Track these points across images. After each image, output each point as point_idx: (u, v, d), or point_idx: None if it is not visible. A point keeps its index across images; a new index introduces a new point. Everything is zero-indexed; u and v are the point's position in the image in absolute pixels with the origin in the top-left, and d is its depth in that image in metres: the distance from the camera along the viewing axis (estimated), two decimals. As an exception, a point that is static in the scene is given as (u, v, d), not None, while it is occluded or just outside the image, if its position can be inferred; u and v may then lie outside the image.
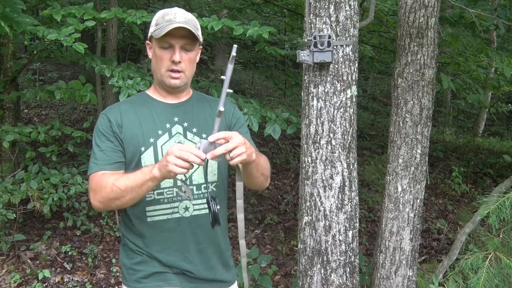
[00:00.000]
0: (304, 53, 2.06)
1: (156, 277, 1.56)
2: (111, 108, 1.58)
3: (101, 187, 1.43)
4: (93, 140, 1.53)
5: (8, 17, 2.71)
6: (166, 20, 1.47)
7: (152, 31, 1.50)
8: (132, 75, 3.27)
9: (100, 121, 1.53)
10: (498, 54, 4.37)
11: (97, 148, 1.50)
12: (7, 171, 3.78)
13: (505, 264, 2.25)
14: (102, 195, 1.43)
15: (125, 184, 1.39)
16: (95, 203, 1.47)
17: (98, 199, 1.45)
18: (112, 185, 1.40)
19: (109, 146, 1.50)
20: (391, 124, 2.54)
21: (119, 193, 1.40)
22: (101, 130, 1.51)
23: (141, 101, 1.59)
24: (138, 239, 1.57)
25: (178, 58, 1.47)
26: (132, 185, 1.38)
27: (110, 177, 1.44)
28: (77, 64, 7.00)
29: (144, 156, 1.51)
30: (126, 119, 1.53)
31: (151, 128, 1.53)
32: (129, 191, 1.39)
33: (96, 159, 1.49)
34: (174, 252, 1.56)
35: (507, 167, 6.38)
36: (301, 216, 2.29)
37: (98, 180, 1.46)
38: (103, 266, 3.62)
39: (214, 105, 1.65)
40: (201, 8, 6.41)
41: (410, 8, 2.40)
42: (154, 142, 1.52)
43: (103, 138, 1.51)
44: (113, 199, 1.42)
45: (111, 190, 1.41)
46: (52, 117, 6.95)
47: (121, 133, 1.51)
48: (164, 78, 1.52)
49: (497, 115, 9.57)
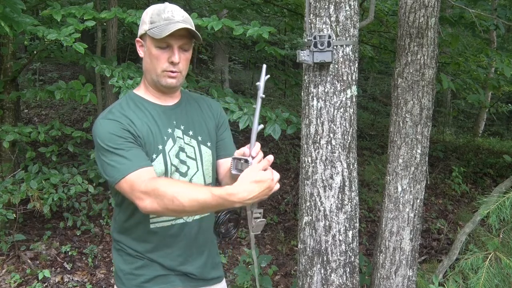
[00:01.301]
0: (304, 53, 2.06)
1: (159, 280, 1.54)
2: (113, 113, 1.43)
3: (158, 194, 1.27)
4: (106, 146, 1.37)
5: (8, 17, 2.71)
6: (163, 18, 1.40)
7: (147, 29, 1.42)
8: (132, 75, 3.27)
9: (109, 126, 1.38)
10: (498, 54, 4.37)
11: (121, 151, 1.35)
12: (7, 171, 3.78)
13: (505, 264, 2.25)
14: (159, 203, 1.28)
15: (189, 200, 1.24)
16: (148, 207, 1.30)
17: (152, 206, 1.29)
18: (173, 197, 1.25)
19: (133, 146, 1.38)
20: (391, 124, 2.54)
21: (181, 208, 1.26)
22: (117, 134, 1.37)
23: (138, 104, 1.49)
24: (138, 245, 1.52)
25: (178, 59, 1.42)
26: (202, 205, 1.25)
27: (168, 186, 1.29)
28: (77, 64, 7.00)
29: (154, 163, 1.43)
30: (136, 123, 1.43)
31: (158, 133, 1.46)
32: (195, 211, 1.30)
33: (128, 159, 1.34)
34: (177, 257, 1.54)
35: (507, 167, 6.38)
36: (301, 216, 2.29)
37: (151, 184, 1.30)
38: (103, 266, 3.62)
39: (201, 104, 1.63)
40: (201, 8, 6.41)
41: (410, 8, 2.39)
42: (162, 149, 1.46)
43: (123, 140, 1.37)
44: (171, 211, 1.29)
45: (171, 202, 1.26)
46: (52, 117, 6.95)
47: (139, 137, 1.41)
48: (160, 78, 1.45)
49: (497, 115, 9.57)
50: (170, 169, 1.48)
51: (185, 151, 1.52)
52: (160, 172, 1.45)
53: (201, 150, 1.56)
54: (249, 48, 8.18)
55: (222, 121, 1.65)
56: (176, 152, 1.50)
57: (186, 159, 1.52)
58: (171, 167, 1.48)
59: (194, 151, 1.54)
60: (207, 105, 1.65)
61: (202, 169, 1.56)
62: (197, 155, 1.55)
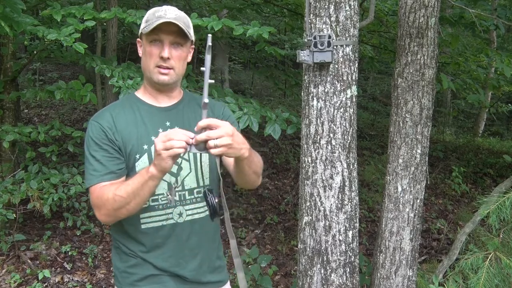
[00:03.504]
0: (304, 53, 2.05)
1: (151, 279, 1.54)
2: (101, 114, 1.51)
3: (103, 200, 1.40)
4: (86, 149, 1.47)
5: (8, 17, 2.71)
6: (156, 16, 1.44)
7: (142, 28, 1.47)
8: (132, 75, 3.27)
9: (92, 129, 1.47)
10: (498, 54, 4.37)
11: (92, 158, 1.45)
12: (7, 171, 3.78)
13: (505, 264, 2.25)
14: (107, 208, 1.39)
15: (125, 191, 1.35)
16: (102, 218, 1.44)
17: (103, 213, 1.42)
18: (113, 196, 1.37)
19: (104, 155, 1.45)
20: (391, 124, 2.54)
21: (122, 201, 1.36)
22: (94, 139, 1.45)
23: (131, 105, 1.54)
24: (132, 244, 1.54)
25: (167, 54, 1.44)
26: (133, 190, 1.35)
27: (110, 188, 1.40)
28: (77, 64, 7.00)
29: (139, 163, 1.47)
30: (119, 124, 1.48)
31: (144, 134, 1.49)
32: (132, 197, 1.36)
33: (94, 170, 1.44)
34: (168, 258, 1.54)
35: (507, 167, 6.38)
36: (301, 216, 2.29)
37: (98, 195, 1.42)
38: (103, 266, 3.62)
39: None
40: (201, 8, 6.41)
41: (410, 8, 2.39)
42: (148, 149, 1.48)
43: (96, 147, 1.45)
44: (118, 209, 1.39)
45: (113, 201, 1.37)
46: (52, 117, 6.95)
47: (117, 140, 1.46)
48: (152, 75, 1.48)
49: (497, 115, 9.58)
50: None
51: None
52: None
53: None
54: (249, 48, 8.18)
55: (225, 120, 1.64)
56: None
57: (179, 159, 1.52)
58: None
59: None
60: (209, 106, 1.65)
61: (196, 171, 1.55)
62: (191, 156, 1.55)
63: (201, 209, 1.58)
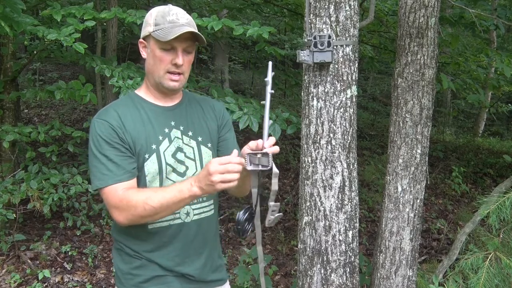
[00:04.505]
0: (304, 53, 2.05)
1: (156, 280, 1.54)
2: (107, 112, 1.47)
3: (130, 206, 1.36)
4: (94, 148, 1.42)
5: (8, 17, 2.71)
6: (168, 21, 1.41)
7: (152, 31, 1.43)
8: (132, 75, 3.27)
9: (100, 127, 1.42)
10: (498, 54, 4.37)
11: (104, 157, 1.40)
12: (7, 171, 3.79)
13: (505, 264, 2.25)
14: (132, 213, 1.37)
15: (159, 202, 1.33)
16: (120, 219, 1.40)
17: (125, 217, 1.38)
18: (144, 204, 1.34)
19: (117, 154, 1.41)
20: (391, 124, 2.54)
21: (153, 211, 1.35)
22: (104, 137, 1.41)
23: (135, 104, 1.52)
24: (136, 245, 1.53)
25: (182, 62, 1.43)
26: (168, 203, 1.33)
27: (139, 194, 1.37)
28: (77, 64, 7.00)
29: (147, 163, 1.46)
30: (127, 123, 1.45)
31: (152, 133, 1.48)
32: (164, 209, 1.35)
33: (108, 169, 1.40)
34: (174, 257, 1.54)
35: (507, 167, 6.38)
36: (301, 216, 2.29)
37: (123, 198, 1.38)
38: (103, 266, 3.62)
39: (204, 106, 1.63)
40: (201, 8, 6.41)
41: (410, 8, 2.39)
42: (156, 149, 1.47)
43: (108, 146, 1.41)
44: (145, 217, 1.38)
45: (143, 209, 1.35)
46: (52, 117, 6.95)
47: (126, 139, 1.43)
48: (162, 80, 1.46)
49: (497, 115, 9.57)
50: (165, 168, 1.48)
51: (184, 151, 1.53)
52: (154, 171, 1.47)
53: (201, 151, 1.56)
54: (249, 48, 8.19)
55: (225, 122, 1.65)
56: (173, 152, 1.50)
57: (185, 159, 1.52)
58: (167, 167, 1.49)
59: (193, 151, 1.55)
60: (210, 106, 1.66)
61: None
62: (197, 155, 1.55)
63: (207, 208, 1.58)
